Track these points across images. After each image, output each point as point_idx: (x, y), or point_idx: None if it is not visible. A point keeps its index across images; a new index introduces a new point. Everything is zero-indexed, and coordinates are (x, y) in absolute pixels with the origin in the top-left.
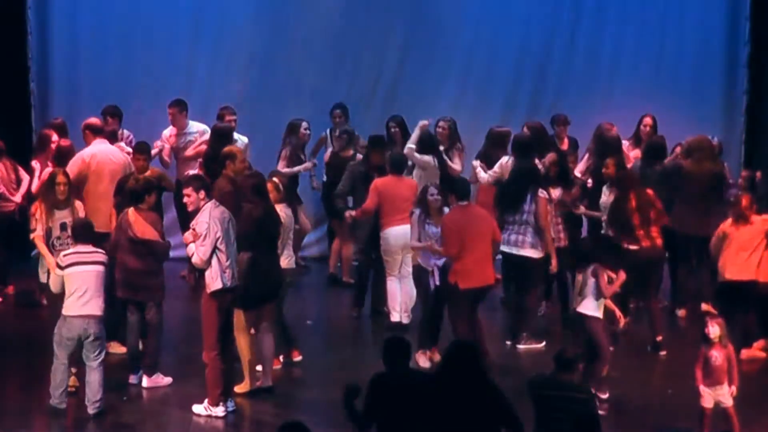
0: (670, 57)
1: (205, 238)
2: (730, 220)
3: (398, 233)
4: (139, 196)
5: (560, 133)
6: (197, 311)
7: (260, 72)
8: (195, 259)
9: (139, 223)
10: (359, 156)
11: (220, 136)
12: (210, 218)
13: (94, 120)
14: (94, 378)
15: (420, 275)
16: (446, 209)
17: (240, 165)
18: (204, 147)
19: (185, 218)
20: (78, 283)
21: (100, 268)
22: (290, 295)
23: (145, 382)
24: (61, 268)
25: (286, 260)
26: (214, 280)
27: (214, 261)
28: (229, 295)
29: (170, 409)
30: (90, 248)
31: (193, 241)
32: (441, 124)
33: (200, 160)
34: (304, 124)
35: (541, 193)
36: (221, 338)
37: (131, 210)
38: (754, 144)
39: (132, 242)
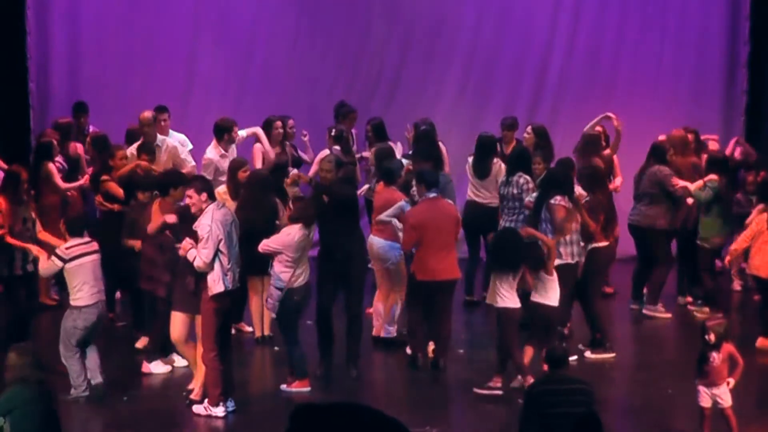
0: (670, 57)
1: (208, 240)
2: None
3: None
4: (168, 187)
5: (507, 137)
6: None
7: (260, 72)
8: (198, 263)
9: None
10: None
11: None
12: (212, 221)
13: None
14: (95, 357)
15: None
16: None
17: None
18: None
19: None
20: (86, 274)
21: (98, 256)
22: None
23: (149, 367)
24: (65, 261)
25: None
26: (216, 283)
27: (216, 264)
28: (229, 298)
29: (170, 409)
30: (85, 239)
31: (191, 248)
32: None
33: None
34: (278, 123)
35: (554, 200)
36: (219, 339)
37: (160, 201)
38: (754, 144)
39: (164, 234)
